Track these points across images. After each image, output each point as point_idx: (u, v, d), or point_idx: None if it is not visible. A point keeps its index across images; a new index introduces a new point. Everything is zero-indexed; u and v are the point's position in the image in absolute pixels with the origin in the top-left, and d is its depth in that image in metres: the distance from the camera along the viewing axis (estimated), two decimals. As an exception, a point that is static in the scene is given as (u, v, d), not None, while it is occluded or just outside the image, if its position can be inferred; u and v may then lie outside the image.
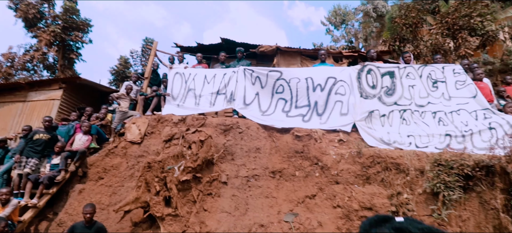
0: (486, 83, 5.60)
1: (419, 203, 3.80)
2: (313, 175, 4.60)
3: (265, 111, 5.83)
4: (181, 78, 6.63)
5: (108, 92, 8.11)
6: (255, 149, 5.23)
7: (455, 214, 3.62)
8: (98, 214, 4.48)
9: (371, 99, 5.32)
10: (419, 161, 4.17)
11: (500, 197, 3.63)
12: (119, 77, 22.06)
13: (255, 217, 4.32)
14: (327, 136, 5.11)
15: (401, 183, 3.97)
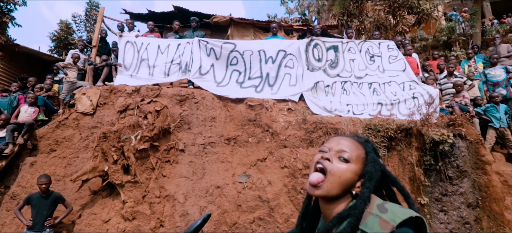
0: (414, 58, 6.45)
1: (351, 161, 4.51)
2: (264, 140, 5.07)
3: (220, 82, 6.06)
4: (133, 47, 6.46)
5: (52, 61, 7.57)
6: (211, 118, 5.50)
7: (377, 168, 4.40)
8: (54, 185, 4.49)
9: (317, 71, 5.85)
10: (354, 125, 4.85)
11: (415, 154, 4.46)
12: (61, 44, 20.11)
13: (212, 180, 4.72)
14: (277, 105, 5.56)
15: (338, 145, 4.63)
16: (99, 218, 4.32)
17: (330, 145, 0.94)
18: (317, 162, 0.92)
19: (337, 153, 0.92)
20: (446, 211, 4.20)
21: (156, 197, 4.45)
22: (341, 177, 0.87)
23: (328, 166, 0.88)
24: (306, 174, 4.51)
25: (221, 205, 4.45)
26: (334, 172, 0.87)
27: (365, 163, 0.91)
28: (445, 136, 4.09)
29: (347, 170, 0.88)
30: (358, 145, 0.94)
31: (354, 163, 0.89)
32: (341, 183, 0.87)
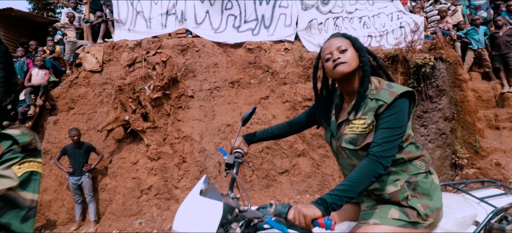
0: (402, -12, 6.63)
1: (344, 90, 5.08)
2: (265, 80, 5.54)
3: (217, 29, 6.28)
4: (126, 1, 6.49)
5: (45, 23, 7.55)
6: (213, 64, 5.87)
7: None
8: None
9: (310, 10, 6.08)
10: (346, 58, 5.30)
11: (400, 78, 5.01)
12: (40, 4, 19.03)
13: (222, 120, 5.29)
14: (275, 46, 5.91)
15: (332, 77, 5.15)
16: (128, 161, 4.95)
17: (329, 49, 1.37)
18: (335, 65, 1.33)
19: (337, 49, 1.33)
20: (426, 126, 4.91)
21: (175, 138, 5.05)
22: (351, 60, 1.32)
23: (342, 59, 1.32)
24: (306, 105, 5.09)
25: (231, 138, 5.09)
26: (346, 59, 1.32)
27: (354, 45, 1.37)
28: (427, 60, 4.60)
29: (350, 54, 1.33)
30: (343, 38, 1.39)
31: (351, 49, 1.35)
32: (352, 65, 1.32)
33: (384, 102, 1.25)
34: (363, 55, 1.33)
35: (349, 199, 1.17)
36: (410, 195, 1.32)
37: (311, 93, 5.09)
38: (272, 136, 1.88)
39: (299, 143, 5.01)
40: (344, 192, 1.17)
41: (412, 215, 1.30)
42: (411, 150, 1.36)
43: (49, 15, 15.57)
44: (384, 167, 1.20)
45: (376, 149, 1.22)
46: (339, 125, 1.43)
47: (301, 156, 4.96)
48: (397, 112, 1.24)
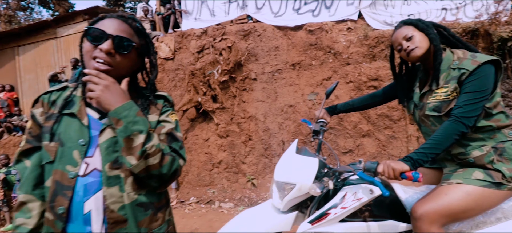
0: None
1: (414, 68, 4.82)
2: (327, 61, 5.53)
3: (277, 12, 6.39)
4: (192, -8, 6.97)
5: (124, 17, 8.54)
6: (274, 47, 6.04)
7: (441, 72, 4.66)
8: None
9: (375, -14, 5.79)
10: (416, 35, 4.99)
11: (479, 54, 4.57)
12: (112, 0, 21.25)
13: (284, 101, 5.48)
14: (336, 26, 5.81)
15: (400, 56, 4.92)
16: (200, 138, 5.48)
17: (397, 41, 1.50)
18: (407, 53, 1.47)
19: (404, 38, 1.46)
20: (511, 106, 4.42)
21: (241, 118, 5.41)
22: (420, 43, 1.43)
23: (411, 46, 1.45)
24: (371, 86, 4.97)
25: (296, 119, 5.25)
26: (416, 44, 1.44)
27: (417, 27, 1.46)
28: (516, 32, 4.10)
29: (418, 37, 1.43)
30: (405, 25, 1.49)
31: (416, 32, 1.45)
32: (422, 46, 1.43)
33: (466, 70, 1.33)
34: (430, 32, 1.43)
35: (434, 155, 1.30)
36: (495, 159, 1.37)
37: (376, 73, 4.95)
38: (353, 107, 2.01)
39: (363, 123, 4.95)
40: (429, 149, 1.30)
41: (496, 177, 1.34)
42: (501, 118, 1.40)
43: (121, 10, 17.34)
44: (466, 125, 1.29)
45: (458, 111, 1.32)
46: (422, 96, 1.53)
47: (366, 136, 4.90)
48: (480, 78, 1.31)
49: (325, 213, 1.35)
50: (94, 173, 0.90)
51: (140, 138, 0.87)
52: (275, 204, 1.49)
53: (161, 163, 0.91)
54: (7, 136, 7.25)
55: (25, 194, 0.92)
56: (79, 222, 0.88)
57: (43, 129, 0.94)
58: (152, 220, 0.96)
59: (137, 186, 0.92)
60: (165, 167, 0.92)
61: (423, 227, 1.31)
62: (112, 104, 0.86)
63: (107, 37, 0.89)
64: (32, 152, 0.95)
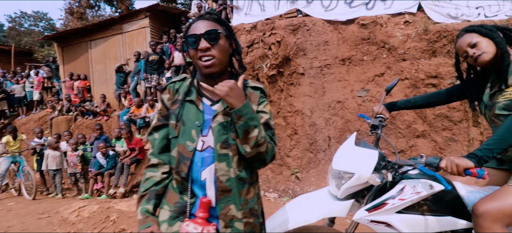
0: None
1: (482, 66, 4.38)
2: (381, 57, 5.29)
3: (328, 6, 6.26)
4: (244, -13, 7.16)
5: (178, 14, 9.10)
6: (324, 42, 5.95)
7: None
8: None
9: (439, -25, 5.36)
10: (486, 29, 4.53)
11: None
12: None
13: (332, 96, 5.40)
14: (392, 19, 5.51)
15: (466, 51, 4.51)
16: (247, 130, 5.68)
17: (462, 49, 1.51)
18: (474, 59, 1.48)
19: (468, 46, 1.48)
20: None
21: (288, 112, 5.47)
22: (486, 48, 1.43)
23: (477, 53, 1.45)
24: (429, 84, 4.66)
25: (344, 116, 5.15)
26: (482, 50, 1.43)
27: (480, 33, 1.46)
28: None
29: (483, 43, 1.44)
30: (468, 33, 1.50)
31: (481, 38, 1.46)
32: (489, 51, 1.43)
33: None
34: (495, 36, 1.44)
35: (500, 150, 1.26)
36: None
37: (436, 70, 4.61)
38: (414, 105, 1.96)
39: (418, 123, 4.67)
40: (494, 145, 1.26)
41: None
42: None
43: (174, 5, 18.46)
44: None
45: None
46: (492, 95, 1.52)
47: (421, 137, 4.62)
48: None
49: (383, 202, 1.36)
50: (208, 149, 1.11)
51: (255, 131, 1.05)
52: (332, 192, 1.54)
53: (266, 150, 1.10)
54: (81, 119, 8.28)
55: (154, 158, 1.20)
56: (198, 186, 1.12)
57: (170, 111, 1.19)
58: (248, 192, 1.15)
59: (240, 163, 1.12)
60: (268, 154, 1.12)
61: (485, 225, 1.26)
62: (235, 104, 1.03)
63: (200, 37, 1.06)
64: (161, 128, 1.21)
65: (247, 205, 1.15)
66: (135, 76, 7.16)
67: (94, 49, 9.21)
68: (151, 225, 1.13)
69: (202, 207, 1.08)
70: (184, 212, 1.12)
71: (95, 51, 9.20)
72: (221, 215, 1.11)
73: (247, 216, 1.14)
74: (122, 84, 7.81)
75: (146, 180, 1.20)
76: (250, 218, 1.15)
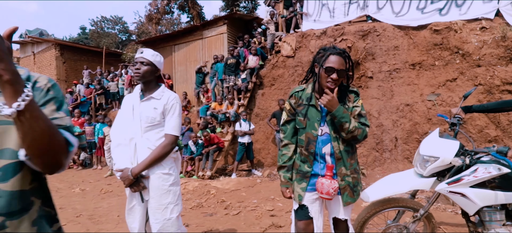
0: None
1: None
2: (454, 62, 5.43)
3: (399, 12, 6.51)
4: (314, -5, 7.74)
5: (250, 20, 10.05)
6: (393, 47, 6.24)
7: None
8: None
9: (523, -20, 5.28)
10: None
11: None
12: (229, 1, 24.10)
13: (401, 100, 5.71)
14: (468, 25, 5.58)
15: (550, 58, 4.47)
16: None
17: None
18: None
19: None
20: None
21: (356, 112, 5.94)
22: None
23: None
24: (505, 90, 4.72)
25: (412, 118, 5.44)
26: None
27: None
28: None
29: None
30: None
31: None
32: None
33: None
34: None
35: None
36: None
37: (515, 76, 4.66)
38: (488, 109, 2.37)
39: (491, 128, 4.77)
40: None
41: None
42: None
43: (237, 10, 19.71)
44: None
45: None
46: None
47: (493, 141, 4.71)
48: None
49: (460, 178, 1.89)
50: (325, 134, 1.76)
51: (346, 125, 1.66)
52: (417, 171, 2.12)
53: (357, 134, 1.70)
54: (167, 112, 9.76)
55: (288, 140, 1.87)
56: (319, 157, 1.78)
57: (296, 111, 1.83)
58: (352, 159, 1.78)
59: (344, 142, 1.74)
60: (360, 136, 1.71)
61: None
62: (330, 109, 1.67)
63: (334, 71, 1.66)
64: (290, 122, 1.87)
65: (352, 166, 1.77)
66: (214, 77, 8.28)
67: (177, 52, 10.70)
68: (289, 187, 1.86)
69: (329, 170, 1.75)
70: (306, 176, 1.80)
71: (178, 54, 10.69)
72: (338, 174, 1.75)
73: (352, 173, 1.76)
74: (201, 84, 9.03)
75: (282, 155, 1.89)
76: (354, 174, 1.78)
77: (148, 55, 1.93)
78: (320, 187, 1.71)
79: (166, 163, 1.95)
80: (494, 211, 1.93)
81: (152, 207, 1.93)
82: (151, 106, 1.93)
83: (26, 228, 0.79)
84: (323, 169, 1.77)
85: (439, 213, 3.62)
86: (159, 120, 1.93)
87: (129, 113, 1.96)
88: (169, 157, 1.96)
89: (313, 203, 1.81)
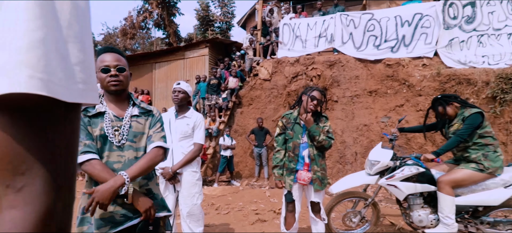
0: None
1: (482, 104, 5.59)
2: (401, 91, 6.62)
3: (359, 47, 7.71)
4: (288, 28, 8.78)
5: (230, 44, 10.91)
6: (355, 76, 7.37)
7: (507, 109, 5.35)
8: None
9: (452, 29, 6.68)
10: (487, 75, 5.76)
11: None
12: (204, 22, 24.95)
13: (360, 121, 6.75)
14: (413, 62, 6.85)
15: (470, 92, 5.75)
16: (290, 143, 7.12)
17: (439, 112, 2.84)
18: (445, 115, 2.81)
19: (441, 111, 2.84)
20: None
21: (324, 131, 6.87)
22: (449, 111, 2.78)
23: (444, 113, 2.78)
24: (439, 115, 5.91)
25: (369, 136, 6.47)
26: (449, 112, 2.79)
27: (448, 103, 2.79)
28: None
29: (449, 110, 2.78)
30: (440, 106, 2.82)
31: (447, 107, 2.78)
32: (451, 113, 2.77)
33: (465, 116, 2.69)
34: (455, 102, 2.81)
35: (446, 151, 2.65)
36: (482, 158, 2.61)
37: (445, 105, 5.88)
38: (413, 130, 3.36)
39: (429, 145, 5.90)
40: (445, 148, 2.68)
41: (480, 167, 2.57)
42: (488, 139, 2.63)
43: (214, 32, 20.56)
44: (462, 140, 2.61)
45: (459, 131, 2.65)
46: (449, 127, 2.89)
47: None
48: None
49: (393, 175, 2.75)
50: (305, 143, 2.59)
51: (317, 137, 2.51)
52: (367, 172, 2.97)
53: (325, 144, 2.52)
54: (147, 126, 10.08)
55: (280, 147, 2.67)
56: (300, 158, 2.58)
57: (287, 127, 2.67)
58: (322, 160, 2.59)
59: (317, 148, 2.57)
60: (327, 145, 2.55)
61: (442, 187, 2.65)
62: (308, 126, 2.51)
63: (316, 99, 2.53)
64: (281, 134, 2.70)
65: (321, 165, 2.57)
66: (196, 96, 8.89)
67: (158, 69, 11.18)
68: (281, 180, 2.61)
69: (306, 165, 2.54)
70: (293, 171, 2.58)
71: (158, 72, 11.16)
72: (312, 170, 2.55)
73: (321, 170, 2.58)
74: (183, 100, 9.56)
75: (276, 158, 2.67)
76: (323, 171, 2.58)
77: (184, 86, 2.66)
78: (299, 176, 2.49)
79: (194, 164, 2.63)
80: (415, 197, 2.81)
81: (183, 195, 2.59)
82: (185, 123, 2.65)
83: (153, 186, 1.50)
84: (303, 165, 2.55)
85: (386, 209, 4.52)
86: (190, 132, 2.62)
87: (166, 127, 2.62)
88: (196, 159, 2.65)
89: (296, 191, 2.58)
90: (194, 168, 2.67)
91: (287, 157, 2.62)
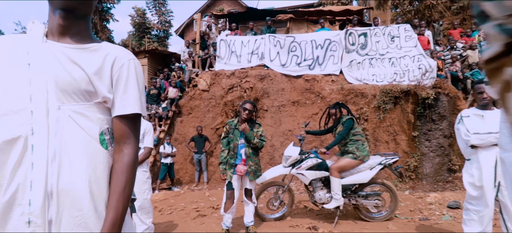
0: (426, 37, 8.71)
1: (371, 112, 7.43)
2: (316, 102, 8.18)
3: (284, 64, 9.12)
4: (225, 43, 9.75)
5: (168, 55, 11.32)
6: (281, 89, 8.71)
7: (388, 116, 7.27)
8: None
9: (351, 53, 8.56)
10: (374, 90, 7.66)
11: (410, 106, 7.20)
12: (140, 29, 24.30)
13: (286, 127, 8.07)
14: (325, 78, 8.51)
15: (363, 102, 7.56)
16: (227, 148, 8.02)
17: (332, 113, 4.16)
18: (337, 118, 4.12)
19: (333, 113, 4.19)
20: (430, 140, 7.00)
21: (256, 136, 7.97)
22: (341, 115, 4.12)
23: (337, 116, 4.10)
24: (343, 121, 7.58)
25: (293, 140, 7.81)
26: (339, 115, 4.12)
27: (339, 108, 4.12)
28: (429, 94, 6.76)
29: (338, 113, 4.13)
30: (334, 108, 4.18)
31: (337, 111, 4.14)
32: None
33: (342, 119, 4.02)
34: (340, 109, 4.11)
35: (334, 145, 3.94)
36: (355, 150, 3.97)
37: (347, 113, 7.58)
38: (315, 134, 4.61)
39: (337, 145, 7.50)
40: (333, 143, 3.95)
41: (355, 155, 3.95)
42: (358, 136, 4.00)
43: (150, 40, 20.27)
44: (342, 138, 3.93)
45: (340, 132, 3.94)
46: (335, 129, 4.18)
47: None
48: None
49: (300, 166, 3.90)
50: (242, 143, 3.58)
51: (251, 140, 3.51)
52: (283, 165, 4.06)
53: (258, 145, 3.54)
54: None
55: (224, 147, 3.70)
56: (239, 155, 3.55)
57: (229, 132, 3.67)
58: (256, 157, 3.60)
59: (252, 148, 3.55)
60: (260, 146, 3.61)
61: (332, 172, 3.90)
62: (244, 132, 3.50)
63: (247, 110, 3.51)
64: (225, 137, 3.71)
65: (255, 161, 3.57)
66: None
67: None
68: (224, 173, 3.51)
69: (243, 161, 3.50)
70: (233, 166, 3.51)
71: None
72: (247, 164, 3.53)
73: (255, 165, 3.58)
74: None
75: (221, 156, 3.59)
76: (256, 166, 3.59)
77: None
78: (237, 168, 3.41)
79: (144, 164, 3.32)
80: (317, 182, 4.01)
81: (135, 191, 3.20)
82: None
83: None
84: (240, 161, 3.48)
85: (301, 196, 5.78)
86: (141, 138, 3.26)
87: None
88: (146, 161, 3.31)
89: (235, 181, 3.49)
90: (145, 168, 3.32)
91: (229, 155, 3.51)
